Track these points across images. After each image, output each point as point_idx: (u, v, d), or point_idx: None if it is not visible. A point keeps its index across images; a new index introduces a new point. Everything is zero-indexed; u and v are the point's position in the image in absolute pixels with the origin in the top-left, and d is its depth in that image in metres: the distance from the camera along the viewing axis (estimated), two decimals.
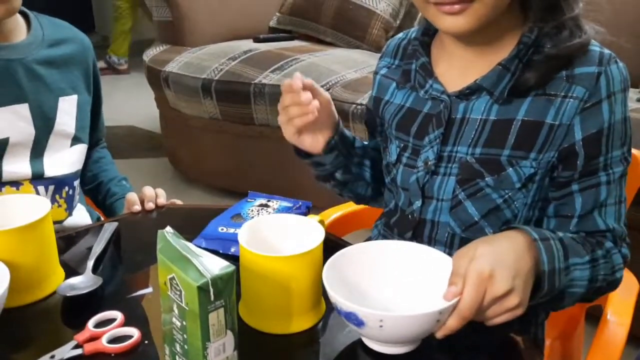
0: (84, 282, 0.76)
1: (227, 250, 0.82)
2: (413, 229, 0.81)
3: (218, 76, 2.14)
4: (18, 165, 0.98)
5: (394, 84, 0.86)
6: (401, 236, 0.83)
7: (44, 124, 1.00)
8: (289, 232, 0.73)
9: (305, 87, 0.77)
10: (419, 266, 0.69)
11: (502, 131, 0.74)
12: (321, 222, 0.77)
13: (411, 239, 0.81)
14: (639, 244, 1.37)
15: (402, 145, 0.82)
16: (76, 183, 1.06)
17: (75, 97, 1.05)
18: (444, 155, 0.77)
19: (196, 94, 2.19)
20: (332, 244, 0.78)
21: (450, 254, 0.68)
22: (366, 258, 0.70)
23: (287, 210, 0.90)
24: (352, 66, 2.10)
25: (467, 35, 0.72)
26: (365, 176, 0.92)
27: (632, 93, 1.76)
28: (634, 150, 0.92)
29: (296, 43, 2.42)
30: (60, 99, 1.03)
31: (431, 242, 0.80)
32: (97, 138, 1.18)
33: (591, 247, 0.72)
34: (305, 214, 0.89)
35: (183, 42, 2.39)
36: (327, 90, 1.98)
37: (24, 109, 0.98)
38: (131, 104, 3.41)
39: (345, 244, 0.80)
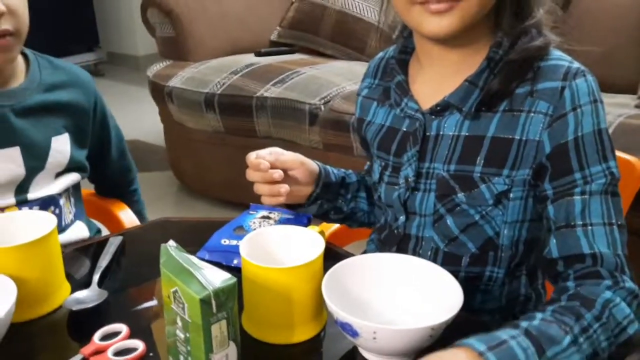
0: (89, 295, 0.77)
1: (229, 262, 0.84)
2: (397, 243, 0.82)
3: (220, 90, 2.16)
4: (1, 202, 0.98)
5: (375, 103, 0.87)
6: (391, 251, 0.84)
7: (36, 165, 1.00)
8: (290, 244, 0.74)
9: (273, 164, 0.82)
10: (419, 279, 0.70)
11: (473, 148, 0.74)
12: (321, 233, 0.79)
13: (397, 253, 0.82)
14: (636, 249, 1.39)
15: (383, 164, 0.84)
16: (62, 202, 1.05)
17: (66, 135, 1.04)
18: (422, 171, 0.78)
19: (199, 108, 2.21)
20: (333, 254, 0.79)
21: None
22: (366, 269, 0.71)
23: (289, 221, 0.91)
24: (352, 78, 2.12)
25: (449, 38, 0.72)
26: (362, 207, 0.95)
27: (630, 99, 1.77)
28: (629, 157, 0.94)
29: (297, 56, 2.45)
30: (53, 138, 1.02)
31: (416, 256, 0.79)
32: (127, 178, 1.24)
33: (575, 317, 0.61)
34: (306, 225, 0.90)
35: (186, 57, 2.42)
36: (328, 102, 1.99)
37: (15, 152, 0.97)
38: (135, 118, 3.44)
39: (346, 255, 0.82)
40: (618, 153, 0.95)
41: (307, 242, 0.73)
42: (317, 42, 2.48)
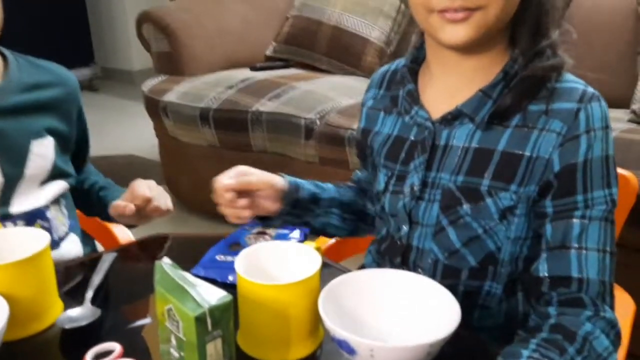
0: (82, 313, 0.76)
1: (225, 278, 0.83)
2: (402, 254, 0.82)
3: (216, 105, 2.16)
4: None
5: (382, 113, 0.87)
6: (392, 262, 0.84)
7: (14, 171, 0.96)
8: (286, 260, 0.74)
9: (238, 188, 0.85)
10: (416, 296, 0.69)
11: (482, 160, 0.75)
12: (318, 249, 0.78)
13: (400, 265, 0.82)
14: (633, 263, 1.39)
15: (389, 173, 0.84)
16: (52, 214, 1.02)
17: (50, 139, 1.00)
18: (428, 181, 0.78)
19: (194, 123, 2.21)
20: (329, 270, 0.78)
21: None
22: (364, 286, 0.71)
23: (285, 237, 0.90)
24: (347, 92, 2.12)
25: (466, 46, 0.73)
26: (333, 223, 0.95)
27: (623, 114, 1.78)
28: (623, 171, 0.94)
29: (292, 71, 2.45)
30: (34, 142, 0.98)
31: (416, 268, 0.80)
32: (82, 166, 1.16)
33: (559, 352, 0.64)
34: (302, 240, 0.90)
35: (181, 72, 2.42)
36: (323, 116, 2.00)
37: None
38: (130, 133, 3.44)
39: (342, 271, 0.81)
40: None
41: (303, 258, 0.72)
42: (313, 57, 2.49)
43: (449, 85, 0.79)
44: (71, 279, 0.88)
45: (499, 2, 0.69)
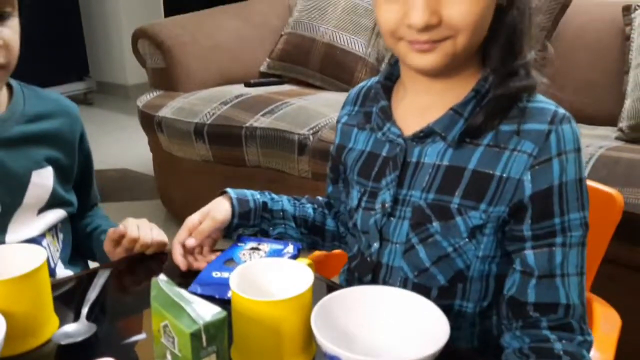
0: (78, 329, 0.77)
1: (223, 295, 0.83)
2: (372, 271, 0.82)
3: (210, 120, 2.18)
4: None
5: (355, 129, 0.89)
6: (361, 280, 0.85)
7: (12, 200, 0.97)
8: (279, 276, 0.75)
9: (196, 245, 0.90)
10: (407, 312, 0.70)
11: (453, 178, 0.75)
12: (310, 265, 0.79)
13: (370, 283, 0.82)
14: (619, 278, 1.41)
15: (362, 190, 0.85)
16: (45, 242, 1.02)
17: (50, 169, 1.02)
18: (399, 198, 0.79)
19: (189, 138, 2.22)
20: (322, 286, 0.80)
21: None
22: (356, 302, 0.72)
23: (278, 252, 0.91)
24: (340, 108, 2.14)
25: (436, 72, 0.74)
26: (290, 234, 0.97)
27: (610, 131, 1.81)
28: (609, 189, 0.96)
29: (286, 87, 2.48)
30: (34, 172, 0.99)
31: (385, 285, 0.80)
32: (89, 205, 1.16)
33: None
34: (296, 256, 0.91)
35: (176, 87, 2.44)
36: (316, 132, 2.02)
37: None
38: (124, 147, 3.44)
39: (335, 287, 0.82)
40: (599, 185, 0.99)
41: (296, 274, 0.74)
42: (306, 74, 2.51)
43: (421, 103, 0.79)
44: (67, 295, 0.89)
45: (466, 32, 0.70)
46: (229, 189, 0.97)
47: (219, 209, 0.92)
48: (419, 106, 0.79)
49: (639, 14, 1.87)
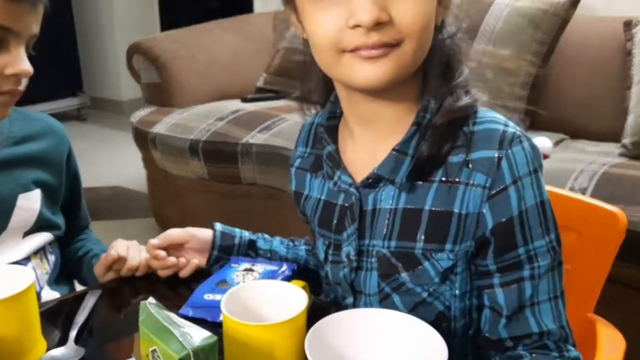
0: (66, 353, 0.74)
1: (215, 318, 0.81)
2: None
3: (205, 137, 2.16)
4: None
5: (308, 175, 0.84)
6: None
7: None
8: (272, 299, 0.73)
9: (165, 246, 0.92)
10: (402, 334, 0.68)
11: (412, 222, 0.71)
12: (305, 287, 0.77)
13: None
14: (623, 298, 1.39)
15: (326, 242, 0.81)
16: (31, 265, 0.99)
17: (37, 191, 0.99)
18: (363, 249, 0.76)
19: (183, 155, 2.20)
20: (317, 309, 0.77)
21: None
22: (351, 325, 0.69)
23: (272, 274, 0.89)
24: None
25: (384, 85, 0.67)
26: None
27: (614, 147, 1.80)
28: (612, 208, 0.94)
29: (283, 102, 2.47)
30: (20, 196, 0.97)
31: None
32: (79, 228, 1.14)
33: None
34: (290, 277, 0.89)
35: (171, 103, 2.43)
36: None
37: None
38: (118, 164, 3.42)
39: (330, 309, 0.80)
40: (601, 204, 0.97)
41: (290, 297, 0.71)
42: None
43: (368, 142, 0.75)
44: (55, 318, 0.86)
45: (415, 38, 0.65)
46: (217, 224, 0.96)
47: (201, 231, 0.94)
48: (367, 145, 0.75)
49: None
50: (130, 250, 0.95)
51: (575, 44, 2.00)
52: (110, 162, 3.47)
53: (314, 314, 0.70)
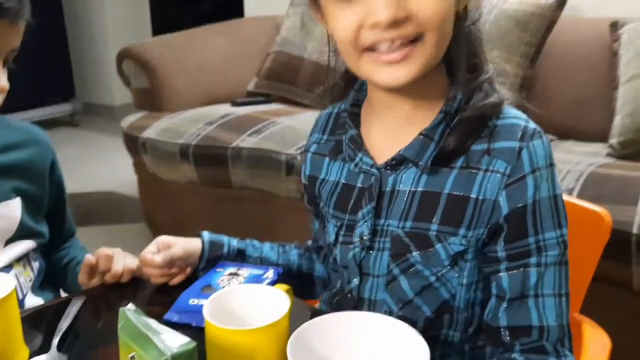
0: None
1: (200, 323, 0.80)
2: (353, 308, 0.79)
3: (196, 141, 2.16)
4: None
5: (327, 159, 0.85)
6: None
7: None
8: (255, 303, 0.72)
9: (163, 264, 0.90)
10: (385, 338, 0.68)
11: (430, 204, 0.73)
12: (288, 291, 0.77)
13: None
14: (608, 297, 1.39)
15: (339, 224, 0.82)
16: (13, 273, 0.99)
17: (17, 200, 0.99)
18: (377, 229, 0.76)
19: (174, 159, 2.20)
20: (301, 313, 0.77)
21: None
22: (334, 329, 0.69)
23: (257, 278, 0.89)
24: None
25: (407, 86, 0.69)
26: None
27: (601, 147, 1.80)
28: (597, 208, 0.94)
29: (274, 106, 2.46)
30: (0, 204, 0.96)
31: None
32: (64, 237, 1.13)
33: None
34: (276, 281, 0.88)
35: (161, 108, 2.42)
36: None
37: None
38: (110, 169, 3.42)
39: (316, 312, 0.80)
40: (586, 204, 0.97)
41: (273, 301, 0.71)
42: (294, 92, 2.50)
43: (391, 128, 0.76)
44: (38, 325, 0.85)
45: (435, 30, 0.66)
46: (204, 232, 0.95)
47: (191, 241, 0.93)
48: (390, 130, 0.76)
49: (626, 30, 1.88)
50: (114, 256, 0.94)
51: (563, 45, 2.01)
52: (102, 167, 3.46)
53: (298, 317, 0.69)
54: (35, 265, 1.04)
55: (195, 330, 0.76)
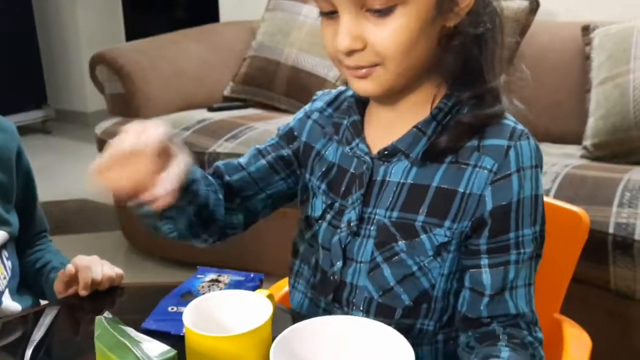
0: None
1: (178, 331, 0.79)
2: (334, 291, 0.80)
3: None
4: None
5: (323, 138, 0.85)
6: (324, 298, 0.82)
7: None
8: (237, 309, 0.71)
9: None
10: (369, 342, 0.68)
11: (417, 196, 0.75)
12: (270, 296, 0.76)
13: (332, 302, 0.81)
14: (589, 298, 1.41)
15: (328, 202, 0.82)
16: None
17: None
18: (364, 216, 0.78)
19: None
20: (284, 318, 0.76)
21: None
22: (317, 334, 0.68)
23: (239, 284, 0.88)
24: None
25: (378, 97, 0.75)
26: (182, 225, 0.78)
27: (577, 150, 1.83)
28: (575, 209, 0.95)
29: (250, 111, 2.45)
30: None
31: (349, 305, 0.79)
32: (35, 232, 1.10)
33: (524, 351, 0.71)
34: (257, 287, 0.87)
35: (136, 114, 2.39)
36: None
37: None
38: (82, 177, 3.35)
39: (300, 318, 0.78)
40: (564, 204, 0.98)
41: (255, 307, 0.70)
42: (271, 97, 2.49)
43: (387, 120, 0.79)
44: (10, 335, 0.83)
45: (394, 60, 0.69)
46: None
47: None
48: (385, 123, 0.79)
49: (597, 34, 1.91)
50: (92, 264, 0.92)
51: (536, 50, 2.03)
52: (76, 175, 3.40)
53: (280, 323, 0.68)
54: (8, 264, 1.02)
55: (174, 339, 0.74)
